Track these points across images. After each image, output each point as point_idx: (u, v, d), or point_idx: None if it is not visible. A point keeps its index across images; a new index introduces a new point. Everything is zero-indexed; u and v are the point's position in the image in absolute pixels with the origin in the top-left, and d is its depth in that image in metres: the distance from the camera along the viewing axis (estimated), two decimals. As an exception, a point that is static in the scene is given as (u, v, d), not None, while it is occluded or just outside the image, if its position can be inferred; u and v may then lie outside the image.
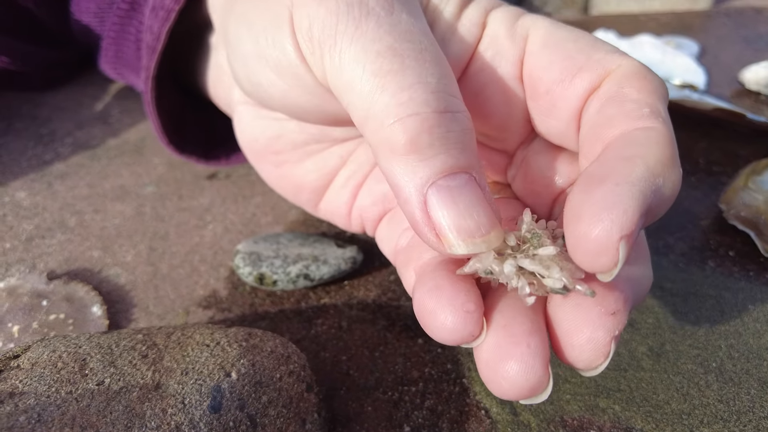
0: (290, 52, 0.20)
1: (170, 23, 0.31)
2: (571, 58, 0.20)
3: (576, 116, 0.20)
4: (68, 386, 0.20)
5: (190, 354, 0.22)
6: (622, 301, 0.16)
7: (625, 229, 0.14)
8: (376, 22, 0.18)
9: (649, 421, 0.25)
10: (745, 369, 0.28)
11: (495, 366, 0.16)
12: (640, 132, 0.17)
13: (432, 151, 0.17)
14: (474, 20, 0.22)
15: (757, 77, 0.50)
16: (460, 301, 0.17)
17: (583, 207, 0.15)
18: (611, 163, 0.16)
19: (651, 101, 0.18)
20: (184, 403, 0.20)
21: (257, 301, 0.31)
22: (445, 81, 0.18)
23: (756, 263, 0.33)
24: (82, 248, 0.35)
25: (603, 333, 0.16)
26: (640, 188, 0.15)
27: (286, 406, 0.22)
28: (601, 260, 0.15)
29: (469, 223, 0.17)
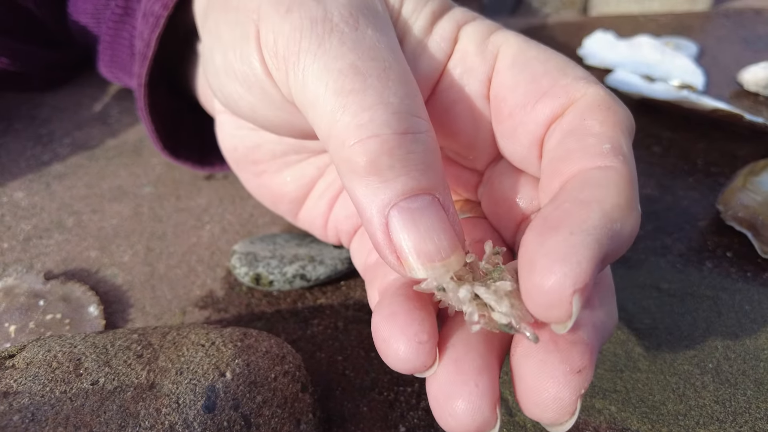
0: (257, 68, 0.20)
1: (159, 29, 0.30)
2: (537, 82, 0.19)
3: (537, 143, 0.19)
4: (63, 386, 0.20)
5: (185, 354, 0.22)
6: (588, 355, 0.15)
7: (578, 283, 0.13)
8: (339, 39, 0.18)
9: (645, 422, 0.25)
10: (742, 370, 0.27)
11: (443, 402, 0.16)
12: (599, 172, 0.16)
13: (393, 173, 0.17)
14: (445, 35, 0.21)
15: (756, 78, 0.50)
16: (413, 330, 0.16)
17: (537, 256, 0.14)
18: (566, 207, 0.15)
19: (613, 135, 0.17)
20: (179, 403, 0.20)
21: (254, 301, 0.31)
22: (408, 101, 0.18)
23: (753, 264, 0.33)
24: (79, 248, 0.35)
25: (569, 392, 0.15)
26: (595, 237, 0.14)
27: (280, 406, 0.22)
28: (554, 313, 0.14)
29: (429, 247, 0.16)
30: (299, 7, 0.19)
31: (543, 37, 0.64)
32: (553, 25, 0.66)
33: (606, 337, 0.17)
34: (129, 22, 0.42)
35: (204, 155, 0.39)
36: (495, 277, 0.17)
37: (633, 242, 0.16)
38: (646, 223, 0.37)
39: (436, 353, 0.17)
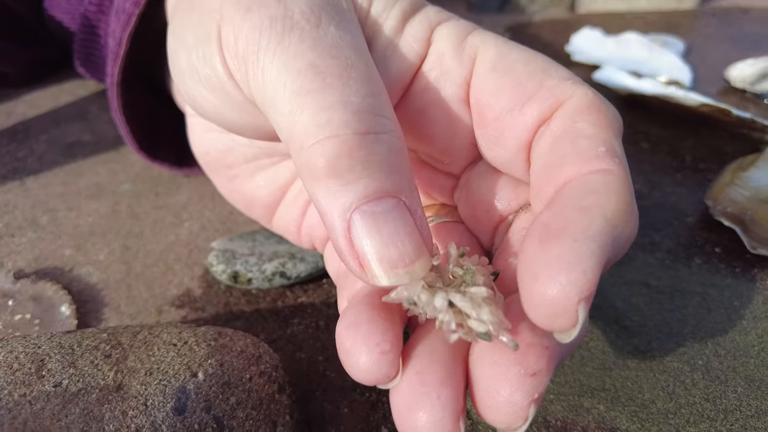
0: (219, 69, 0.19)
1: (131, 27, 0.29)
2: (521, 85, 0.18)
3: (524, 148, 0.19)
4: (22, 388, 0.19)
5: (156, 353, 0.21)
6: (545, 361, 0.15)
7: (584, 292, 0.13)
8: (299, 37, 0.17)
9: (635, 421, 0.25)
10: (732, 367, 0.27)
11: (405, 414, 0.15)
12: (597, 176, 0.16)
13: (353, 175, 0.16)
14: (418, 36, 0.20)
15: (742, 75, 0.50)
16: (375, 340, 0.16)
17: (539, 264, 0.14)
18: (567, 213, 0.15)
19: (606, 137, 0.17)
20: (147, 405, 0.19)
21: (232, 300, 0.30)
22: (371, 100, 0.17)
23: (742, 260, 0.33)
24: (53, 247, 0.34)
25: (521, 396, 0.14)
26: (599, 244, 0.14)
27: (255, 408, 0.21)
28: (560, 322, 0.14)
29: (392, 253, 0.16)
30: (259, 6, 0.18)
31: (531, 34, 0.63)
32: (540, 23, 0.66)
33: (571, 347, 0.16)
34: (103, 19, 0.40)
35: (182, 157, 0.38)
36: (467, 281, 0.16)
37: None
38: (635, 219, 0.36)
39: (399, 364, 0.16)
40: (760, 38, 0.62)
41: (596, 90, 0.18)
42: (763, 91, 0.50)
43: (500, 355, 0.15)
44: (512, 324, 0.15)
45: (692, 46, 0.60)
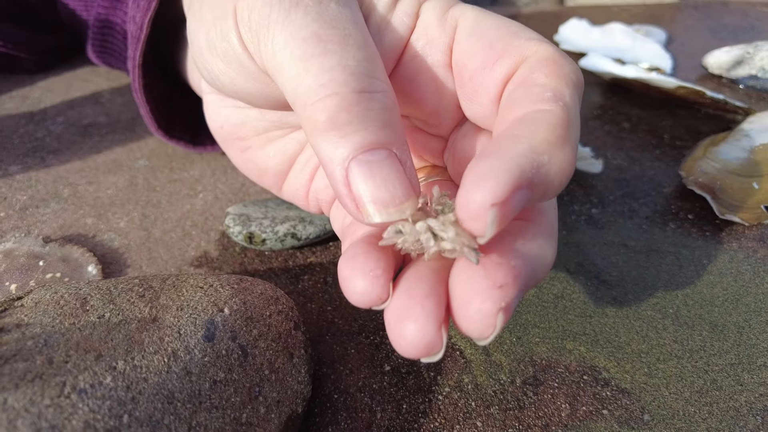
0: (234, 43, 0.22)
1: (151, 13, 0.32)
2: (493, 46, 0.21)
3: (496, 101, 0.21)
4: (71, 319, 0.22)
5: (185, 294, 0.24)
6: (512, 275, 0.17)
7: (496, 197, 0.15)
8: (304, 10, 0.20)
9: (611, 360, 0.28)
10: (699, 314, 0.30)
11: (395, 326, 0.17)
12: (536, 113, 0.17)
13: (351, 128, 0.18)
14: (407, 11, 0.23)
15: (719, 62, 0.53)
16: (369, 267, 0.18)
17: (467, 176, 0.16)
18: (500, 141, 0.17)
19: (556, 85, 0.18)
20: (180, 333, 0.22)
21: (247, 260, 0.33)
22: (366, 64, 0.19)
23: (712, 225, 0.36)
24: (76, 216, 0.36)
25: (490, 304, 0.16)
26: (517, 162, 0.15)
27: (275, 340, 0.24)
28: (477, 224, 0.16)
29: (384, 195, 0.18)
30: None
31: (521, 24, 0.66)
32: (531, 14, 0.69)
33: (537, 271, 0.18)
34: (120, 8, 0.43)
35: (196, 136, 0.40)
36: (445, 212, 0.19)
37: (567, 182, 0.17)
38: (616, 190, 0.39)
39: (390, 288, 0.18)
40: (737, 29, 0.66)
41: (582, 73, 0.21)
42: (738, 77, 0.53)
43: (473, 271, 0.17)
44: (486, 248, 0.18)
45: (673, 36, 0.63)
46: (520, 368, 0.27)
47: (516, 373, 0.27)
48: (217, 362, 0.22)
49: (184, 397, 0.21)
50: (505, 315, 0.16)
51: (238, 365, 0.22)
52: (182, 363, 0.21)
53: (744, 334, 0.29)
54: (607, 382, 0.27)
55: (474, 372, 0.27)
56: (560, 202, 0.38)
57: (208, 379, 0.21)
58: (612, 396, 0.26)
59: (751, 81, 0.52)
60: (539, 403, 0.26)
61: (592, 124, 0.47)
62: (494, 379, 0.27)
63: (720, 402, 0.26)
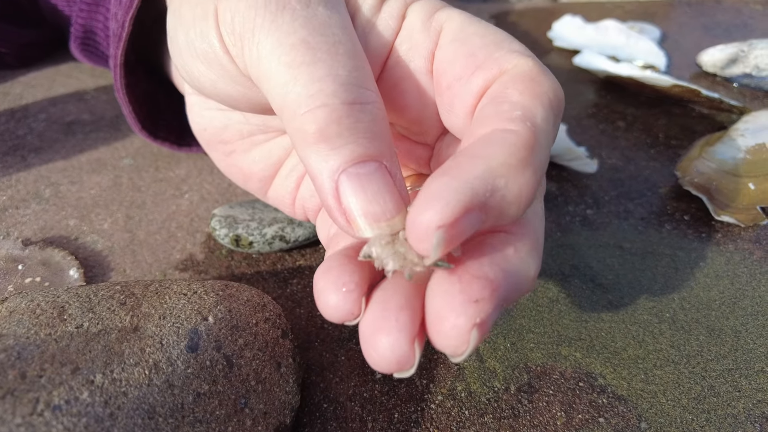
0: (215, 44, 0.21)
1: (133, 11, 0.31)
2: (473, 55, 0.20)
3: (471, 113, 0.20)
4: (47, 329, 0.21)
5: (168, 301, 0.23)
6: (489, 290, 0.16)
7: (443, 220, 0.15)
8: (291, 15, 0.19)
9: (608, 366, 0.27)
10: (695, 318, 0.29)
11: (368, 338, 0.17)
12: (500, 133, 0.17)
13: (341, 140, 0.18)
14: (393, 13, 0.22)
15: (713, 60, 0.53)
16: (342, 281, 0.18)
17: (420, 196, 0.15)
18: (458, 160, 0.16)
19: (528, 104, 0.18)
20: (162, 343, 0.21)
21: (234, 263, 0.32)
22: (356, 73, 0.19)
23: (708, 226, 0.35)
24: (57, 217, 0.35)
25: (464, 320, 0.15)
26: (471, 185, 0.15)
27: (261, 350, 0.23)
28: (423, 245, 0.15)
29: (375, 208, 0.18)
30: None
31: (514, 21, 0.65)
32: (524, 11, 0.68)
33: (518, 285, 0.17)
34: (103, 4, 0.42)
35: (181, 136, 0.39)
36: None
37: (527, 206, 0.17)
38: (611, 190, 0.38)
39: (362, 304, 0.18)
40: (731, 26, 0.65)
41: (576, 71, 0.20)
42: (732, 75, 0.52)
43: (449, 285, 0.16)
44: (464, 259, 0.17)
45: (667, 33, 0.63)
46: (514, 375, 0.27)
47: (510, 380, 0.26)
48: (201, 374, 0.21)
49: (166, 412, 0.20)
50: (480, 331, 0.16)
51: (223, 376, 0.21)
52: (164, 375, 0.20)
53: (741, 338, 0.28)
54: (603, 389, 0.26)
55: (467, 379, 0.26)
56: (554, 203, 0.37)
57: (191, 392, 0.20)
58: (608, 403, 0.25)
59: (745, 79, 0.52)
60: (534, 411, 0.25)
61: (586, 123, 0.46)
62: (488, 387, 0.26)
63: (718, 409, 0.25)
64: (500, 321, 0.29)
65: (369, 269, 0.19)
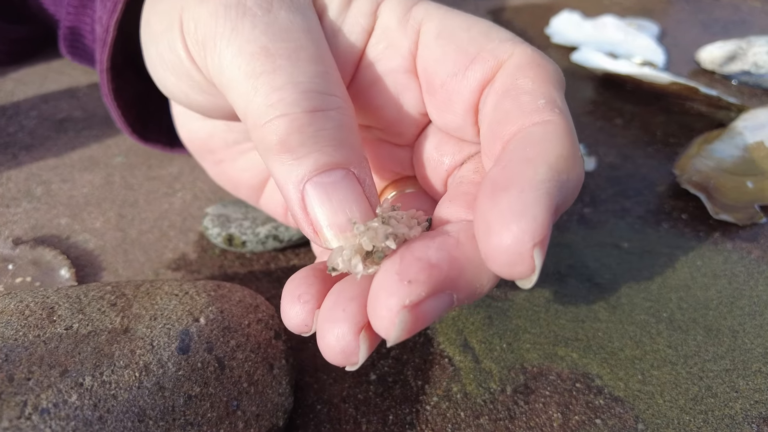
0: (182, 54, 0.21)
1: (117, 14, 0.30)
2: (464, 50, 0.19)
3: (471, 110, 0.20)
4: (36, 331, 0.20)
5: (159, 302, 0.23)
6: (426, 273, 0.15)
7: (537, 236, 0.14)
8: (251, 22, 0.19)
9: (605, 367, 0.27)
10: (693, 318, 0.29)
11: (318, 328, 0.17)
12: (538, 127, 0.16)
13: (304, 149, 0.17)
14: (363, 10, 0.21)
15: (712, 57, 0.52)
16: (299, 292, 0.18)
17: (492, 217, 0.14)
18: (513, 166, 0.15)
19: (546, 90, 0.17)
20: (153, 345, 0.21)
21: (226, 263, 0.32)
22: (319, 79, 0.18)
23: (706, 225, 0.35)
24: (49, 216, 0.35)
25: (395, 300, 0.15)
26: (545, 191, 0.14)
27: (254, 351, 0.23)
28: (518, 270, 0.14)
29: (341, 219, 0.17)
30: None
31: (511, 17, 0.65)
32: (521, 7, 0.68)
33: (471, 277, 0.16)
34: (90, 6, 0.41)
35: (173, 137, 0.39)
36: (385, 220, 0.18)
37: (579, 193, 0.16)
38: (608, 188, 0.38)
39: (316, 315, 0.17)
40: (728, 23, 0.65)
41: (574, 67, 0.19)
42: (730, 73, 0.52)
43: (390, 265, 0.16)
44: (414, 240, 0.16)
45: (666, 30, 0.62)
46: (510, 376, 0.26)
47: (506, 381, 0.26)
48: (192, 376, 0.21)
49: (156, 415, 0.19)
50: (412, 316, 0.15)
51: (215, 378, 0.21)
52: (155, 377, 0.20)
53: (739, 338, 0.28)
54: (600, 390, 0.26)
55: (463, 380, 0.26)
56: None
57: (182, 394, 0.20)
58: (605, 404, 0.25)
59: (743, 77, 0.51)
60: (530, 413, 0.25)
61: (584, 120, 0.46)
62: (484, 388, 0.26)
63: (715, 410, 0.25)
64: (496, 321, 0.29)
65: (333, 279, 0.19)
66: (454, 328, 0.28)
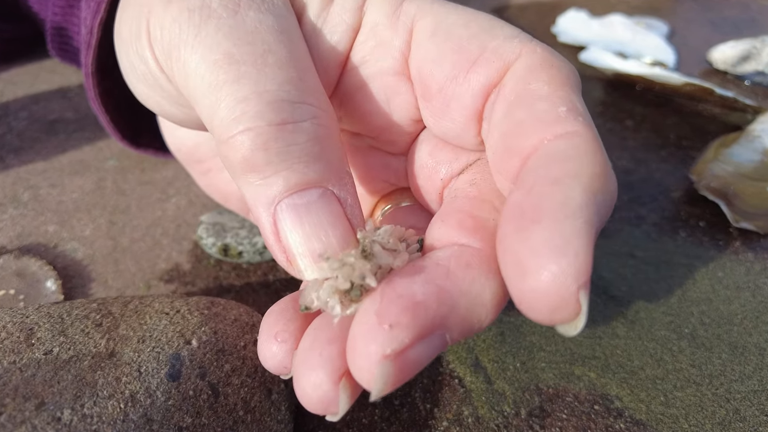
0: (151, 64, 0.19)
1: (101, 15, 0.28)
2: (464, 49, 0.17)
3: (474, 117, 0.17)
4: (11, 356, 0.19)
5: (148, 322, 0.21)
6: (410, 315, 0.13)
7: (582, 276, 0.12)
8: (215, 26, 0.17)
9: (624, 387, 0.25)
10: (717, 334, 0.28)
11: (295, 374, 0.15)
12: (562, 141, 0.14)
13: (271, 168, 0.15)
14: (348, 6, 0.19)
15: (724, 57, 0.51)
16: (276, 329, 0.16)
17: (524, 254, 0.12)
18: (541, 190, 0.13)
19: (564, 95, 0.15)
20: (140, 371, 0.19)
21: (222, 274, 0.30)
22: (289, 87, 0.16)
23: (725, 233, 0.34)
24: (36, 223, 0.33)
25: (374, 348, 0.13)
26: (584, 219, 0.12)
27: (250, 375, 0.21)
28: (561, 315, 0.12)
29: (315, 245, 0.15)
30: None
31: (517, 15, 0.63)
32: (527, 4, 0.66)
33: (465, 313, 0.14)
34: (76, 5, 0.39)
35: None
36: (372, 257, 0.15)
37: None
38: (622, 194, 0.37)
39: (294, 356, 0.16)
40: (739, 22, 0.63)
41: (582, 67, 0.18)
42: (743, 73, 0.51)
43: (369, 305, 0.14)
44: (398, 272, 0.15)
45: (675, 29, 0.61)
46: (525, 398, 0.25)
47: (521, 404, 0.24)
48: (184, 405, 0.19)
49: (143, 449, 0.18)
50: (395, 366, 0.13)
51: (208, 407, 0.19)
52: (142, 408, 0.18)
53: (766, 356, 0.27)
54: (620, 413, 0.24)
55: (475, 403, 0.24)
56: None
57: (172, 427, 0.18)
58: (626, 429, 0.24)
59: (757, 77, 0.50)
60: (547, 439, 0.23)
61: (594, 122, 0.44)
62: (497, 411, 0.24)
63: (744, 435, 0.23)
64: (509, 338, 0.27)
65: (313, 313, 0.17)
66: (464, 346, 0.27)
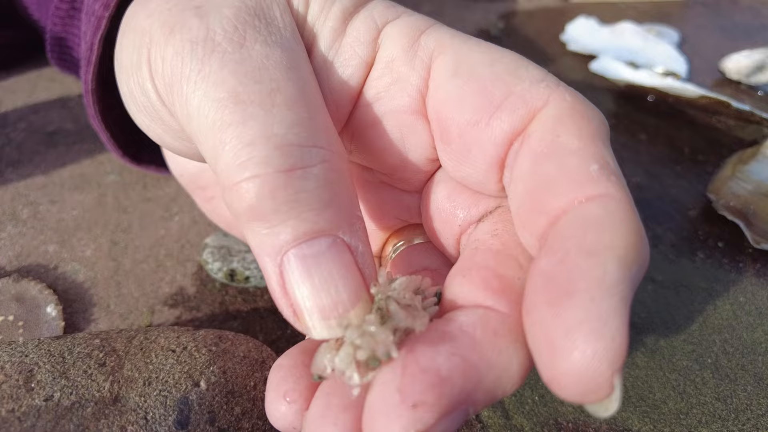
0: (152, 96, 0.18)
1: (102, 31, 0.27)
2: (487, 92, 0.16)
3: (496, 165, 0.16)
4: (10, 403, 0.18)
5: (154, 361, 0.20)
6: (436, 393, 0.12)
7: (617, 361, 0.11)
8: (219, 61, 0.16)
9: (647, 422, 0.24)
10: (741, 364, 0.27)
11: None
12: (595, 205, 0.13)
13: (278, 217, 0.14)
14: (362, 38, 0.18)
15: (738, 66, 0.50)
16: (285, 388, 0.15)
17: (556, 332, 0.12)
18: (574, 261, 0.12)
19: (595, 151, 0.14)
20: (147, 419, 0.18)
21: (228, 299, 0.29)
22: (298, 129, 0.15)
23: (745, 254, 0.33)
24: (35, 242, 0.32)
25: (397, 428, 0.12)
26: (621, 297, 0.12)
27: (261, 418, 0.20)
28: (592, 397, 0.12)
29: (325, 301, 0.14)
30: (182, 27, 0.16)
31: (524, 22, 0.62)
32: (534, 11, 0.65)
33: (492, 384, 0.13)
34: (77, 16, 0.38)
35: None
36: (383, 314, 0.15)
37: None
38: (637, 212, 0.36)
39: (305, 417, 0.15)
40: (750, 29, 0.62)
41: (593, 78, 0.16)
42: (757, 83, 0.50)
43: (389, 378, 0.13)
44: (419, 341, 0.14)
45: (685, 37, 0.60)
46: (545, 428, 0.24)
47: (540, 441, 0.24)
48: (192, 454, 0.18)
49: (149, 504, 0.17)
50: None
51: (218, 455, 0.19)
52: (148, 459, 0.17)
53: (792, 388, 0.26)
54: (643, 451, 0.23)
55: (492, 440, 0.23)
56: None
57: (180, 477, 0.18)
58: (650, 468, 0.23)
59: (771, 88, 0.49)
60: (568, 479, 0.22)
61: (606, 135, 0.43)
62: (516, 449, 0.23)
63: (772, 475, 0.23)
64: (527, 370, 0.26)
65: None
66: (480, 378, 0.26)
